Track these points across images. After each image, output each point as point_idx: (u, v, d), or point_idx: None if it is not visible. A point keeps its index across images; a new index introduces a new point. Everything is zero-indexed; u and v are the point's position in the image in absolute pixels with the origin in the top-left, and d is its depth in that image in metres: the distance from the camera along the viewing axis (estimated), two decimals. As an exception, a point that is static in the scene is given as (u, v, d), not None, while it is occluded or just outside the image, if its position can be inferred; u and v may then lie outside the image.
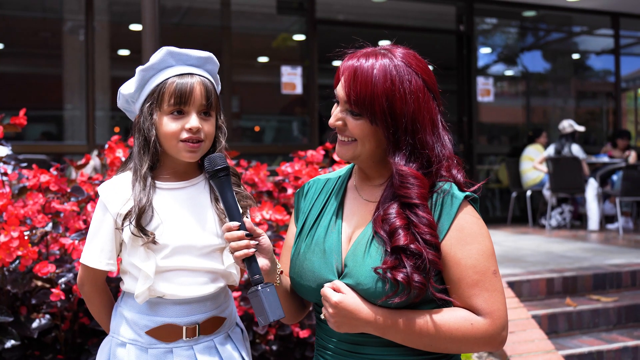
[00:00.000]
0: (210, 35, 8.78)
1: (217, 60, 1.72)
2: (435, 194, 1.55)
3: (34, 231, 2.51)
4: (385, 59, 1.54)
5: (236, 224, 1.51)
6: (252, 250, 1.50)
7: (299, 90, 8.32)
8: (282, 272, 1.63)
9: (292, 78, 8.22)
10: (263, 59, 9.24)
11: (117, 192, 1.65)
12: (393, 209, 1.52)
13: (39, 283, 2.55)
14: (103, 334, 2.59)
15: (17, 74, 8.35)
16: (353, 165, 1.76)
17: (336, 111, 1.60)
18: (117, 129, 8.60)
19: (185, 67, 1.65)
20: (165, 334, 1.64)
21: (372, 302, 1.50)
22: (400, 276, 1.44)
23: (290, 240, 1.76)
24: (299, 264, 1.63)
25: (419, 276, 1.45)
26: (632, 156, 8.96)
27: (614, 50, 10.79)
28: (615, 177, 8.56)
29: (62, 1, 8.23)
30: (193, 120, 1.61)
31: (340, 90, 1.58)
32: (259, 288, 1.48)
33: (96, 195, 2.86)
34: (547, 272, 4.88)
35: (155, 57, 1.65)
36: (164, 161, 1.68)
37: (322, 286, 1.53)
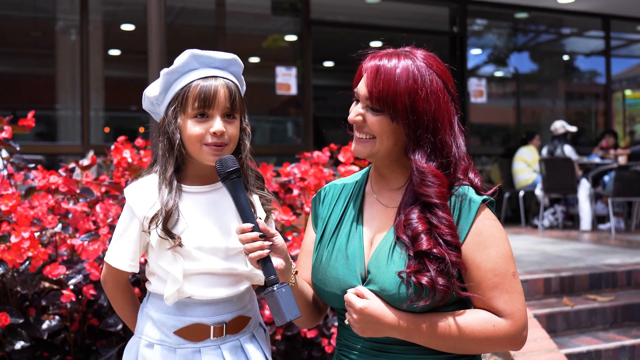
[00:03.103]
0: (204, 36, 8.77)
1: (241, 62, 1.71)
2: (453, 197, 1.57)
3: (43, 232, 2.50)
4: (407, 60, 1.56)
5: (249, 225, 1.52)
6: (267, 251, 1.51)
7: (293, 91, 8.32)
8: (296, 272, 1.64)
9: (286, 79, 8.23)
10: (258, 60, 9.24)
11: (143, 195, 1.65)
12: (414, 214, 1.54)
13: (47, 284, 2.55)
14: (112, 335, 2.59)
15: (9, 74, 8.30)
16: (369, 169, 1.77)
17: (356, 107, 1.62)
18: (107, 129, 8.57)
19: (209, 69, 1.65)
20: (193, 333, 1.65)
21: (396, 307, 1.51)
22: (424, 280, 1.46)
23: (309, 246, 1.77)
24: (322, 271, 1.65)
25: (443, 279, 1.47)
26: (622, 156, 9.05)
27: (605, 51, 10.89)
28: (606, 178, 8.64)
29: (55, 1, 8.18)
30: (217, 124, 1.61)
31: (362, 87, 1.59)
32: (275, 288, 1.49)
33: (103, 194, 2.86)
34: (543, 272, 4.92)
35: (179, 60, 1.65)
36: (189, 164, 1.69)
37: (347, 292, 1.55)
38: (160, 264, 1.63)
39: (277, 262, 1.55)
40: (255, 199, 1.74)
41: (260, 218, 1.67)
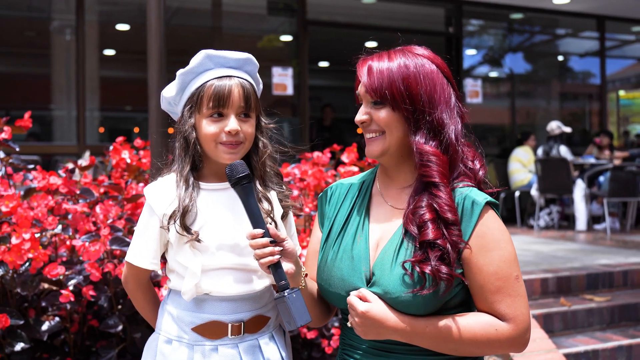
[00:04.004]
0: (200, 36, 8.75)
1: (256, 61, 1.73)
2: (456, 198, 1.56)
3: (44, 233, 2.49)
4: (398, 53, 1.63)
5: (260, 231, 1.52)
6: (277, 257, 1.52)
7: (290, 91, 8.31)
8: (306, 275, 1.65)
9: (283, 79, 8.22)
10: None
11: (162, 194, 1.68)
12: (423, 202, 1.55)
13: (46, 285, 2.54)
14: (112, 337, 2.59)
15: (3, 73, 8.26)
16: (376, 169, 1.77)
17: (361, 108, 1.65)
18: (101, 130, 8.54)
19: (223, 69, 1.67)
20: (210, 330, 1.65)
21: (399, 309, 1.52)
22: (428, 269, 1.47)
23: (315, 245, 1.77)
24: (327, 272, 1.65)
25: (446, 268, 1.47)
26: (617, 159, 9.09)
27: (600, 52, 10.93)
28: (602, 178, 8.67)
29: (50, 1, 8.15)
30: (232, 123, 1.63)
31: (361, 87, 1.63)
32: (285, 294, 1.50)
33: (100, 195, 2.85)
34: (540, 272, 4.94)
35: (194, 61, 1.67)
36: (206, 163, 1.71)
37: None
38: (178, 259, 1.65)
39: (287, 266, 1.56)
40: (273, 195, 1.75)
41: (272, 222, 1.68)
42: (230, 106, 1.64)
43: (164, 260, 1.77)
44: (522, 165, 9.08)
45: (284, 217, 1.77)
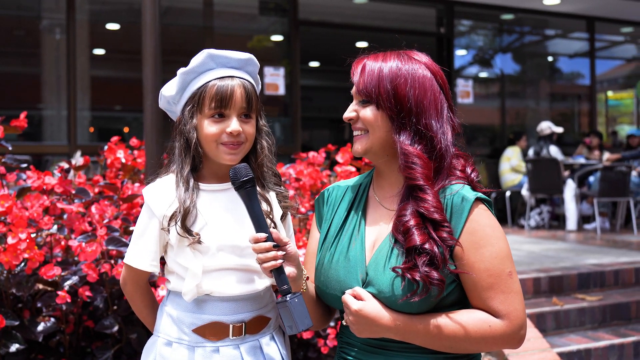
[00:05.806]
0: (192, 35, 8.72)
1: (257, 62, 1.72)
2: (447, 196, 1.56)
3: (39, 233, 2.47)
4: (393, 55, 1.63)
5: (263, 235, 1.52)
6: (280, 261, 1.52)
7: (281, 91, 8.30)
8: (307, 278, 1.65)
9: (274, 79, 8.20)
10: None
11: (161, 195, 1.66)
12: (407, 210, 1.54)
13: (41, 286, 2.52)
14: (107, 337, 2.57)
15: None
16: (373, 170, 1.77)
17: (350, 106, 1.66)
18: (91, 129, 8.49)
19: (225, 69, 1.66)
20: (211, 332, 1.64)
21: (393, 308, 1.52)
22: (418, 275, 1.46)
23: (313, 247, 1.77)
24: (324, 274, 1.65)
25: (437, 273, 1.47)
26: (605, 158, 9.15)
27: (590, 53, 11.00)
28: (592, 178, 8.73)
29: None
30: (234, 124, 1.62)
31: (353, 86, 1.64)
32: (288, 299, 1.49)
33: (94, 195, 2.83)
34: (533, 272, 4.96)
35: (196, 60, 1.65)
36: (206, 163, 1.69)
37: None
38: (179, 261, 1.64)
39: (289, 270, 1.55)
40: (272, 196, 1.74)
41: (272, 224, 1.67)
42: (232, 107, 1.63)
43: (162, 261, 1.76)
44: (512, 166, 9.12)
45: (282, 218, 1.76)
